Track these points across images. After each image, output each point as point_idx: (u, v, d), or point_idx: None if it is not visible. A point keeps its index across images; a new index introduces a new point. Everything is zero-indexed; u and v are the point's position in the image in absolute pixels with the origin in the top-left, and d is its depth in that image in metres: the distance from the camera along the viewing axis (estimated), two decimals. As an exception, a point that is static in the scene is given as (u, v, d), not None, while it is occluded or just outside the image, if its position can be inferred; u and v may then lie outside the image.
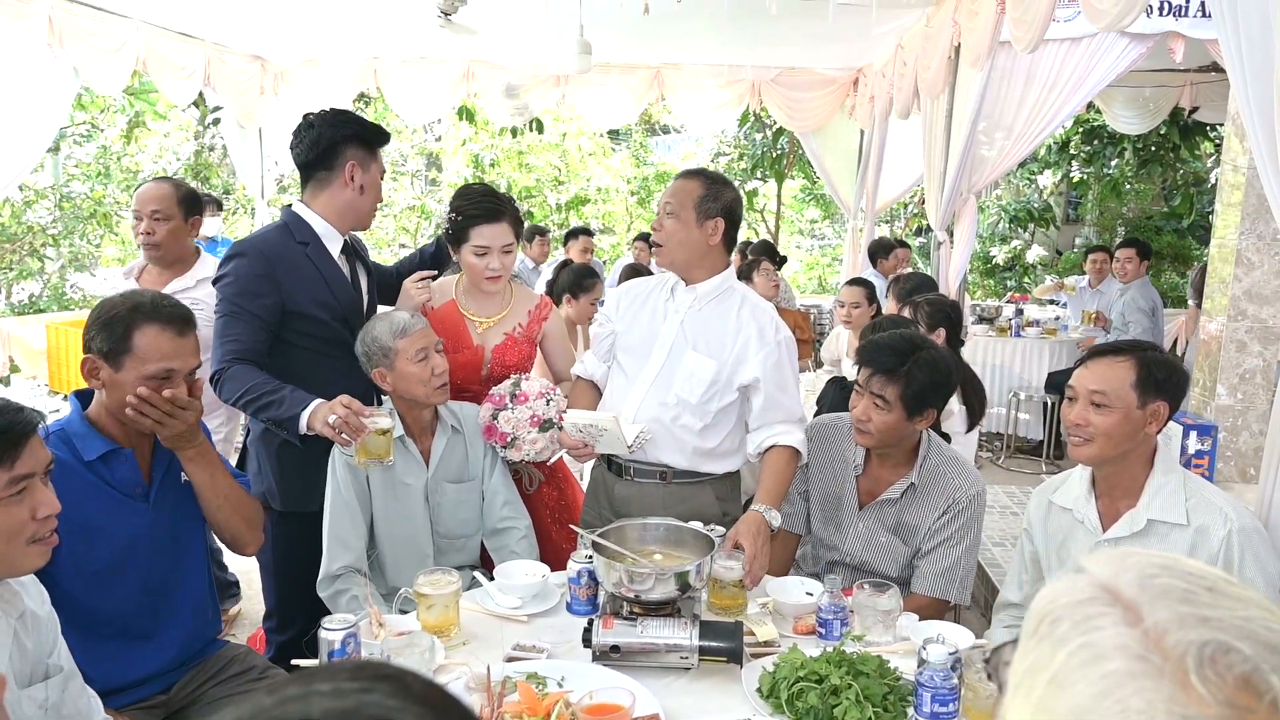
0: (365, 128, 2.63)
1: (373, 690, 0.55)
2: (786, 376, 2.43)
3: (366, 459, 2.32)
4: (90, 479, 1.93)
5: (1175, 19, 5.15)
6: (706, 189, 2.41)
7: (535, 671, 1.81)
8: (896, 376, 2.36)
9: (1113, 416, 2.01)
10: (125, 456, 1.99)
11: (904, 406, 2.36)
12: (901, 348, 2.41)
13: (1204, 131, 9.85)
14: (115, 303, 1.96)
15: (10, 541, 1.48)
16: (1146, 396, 2.00)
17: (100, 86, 6.18)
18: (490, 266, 2.69)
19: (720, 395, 2.41)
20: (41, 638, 1.61)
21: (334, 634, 1.77)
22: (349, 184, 2.59)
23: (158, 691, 2.07)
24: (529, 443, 2.49)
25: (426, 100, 8.14)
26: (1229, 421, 4.40)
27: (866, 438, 2.43)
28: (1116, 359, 2.05)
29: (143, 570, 2.00)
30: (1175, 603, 0.59)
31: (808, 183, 14.79)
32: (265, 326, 2.46)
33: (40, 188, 9.34)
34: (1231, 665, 0.55)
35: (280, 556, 2.61)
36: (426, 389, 2.42)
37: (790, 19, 5.64)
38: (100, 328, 1.92)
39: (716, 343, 2.41)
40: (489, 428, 2.52)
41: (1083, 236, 13.25)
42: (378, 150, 2.66)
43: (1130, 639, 0.58)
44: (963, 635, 1.98)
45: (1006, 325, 6.91)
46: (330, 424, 2.24)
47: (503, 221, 2.69)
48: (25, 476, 1.48)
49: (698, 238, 2.41)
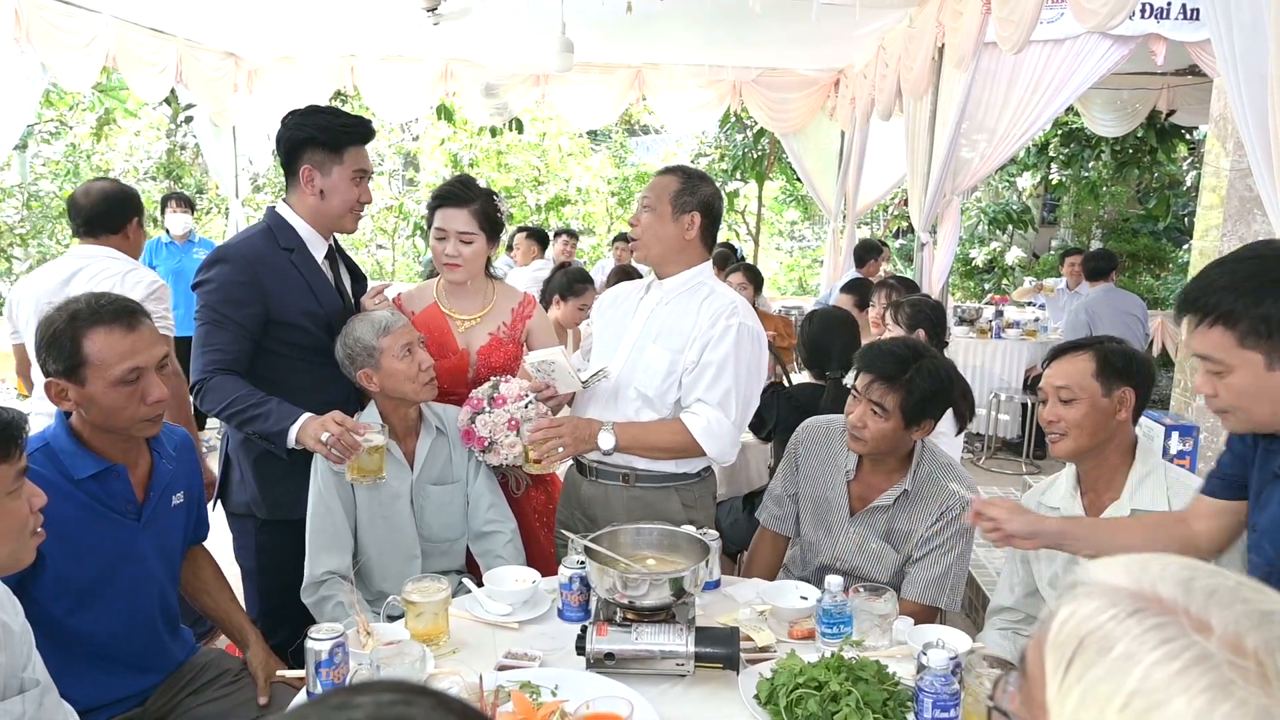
0: (323, 128, 2.46)
1: (413, 703, 0.56)
2: (725, 359, 2.36)
3: (359, 476, 2.27)
4: (80, 498, 1.87)
5: (1157, 21, 5.21)
6: (683, 183, 2.43)
7: (529, 680, 1.76)
8: (897, 384, 2.32)
9: (1080, 408, 2.09)
10: (118, 473, 1.92)
11: (902, 415, 2.33)
12: (904, 355, 2.38)
13: (1180, 135, 9.98)
14: (53, 318, 1.86)
15: (19, 536, 1.48)
16: (1110, 384, 2.08)
17: (69, 83, 6.07)
18: (446, 252, 2.64)
19: (676, 388, 2.40)
20: (15, 651, 1.56)
21: (321, 644, 1.69)
22: (308, 188, 2.49)
23: (133, 706, 2.02)
24: (507, 446, 2.44)
25: (404, 99, 8.09)
26: (1210, 421, 4.41)
27: (860, 444, 2.39)
28: (1076, 354, 2.14)
29: (125, 590, 1.94)
30: (1231, 603, 0.58)
31: (788, 184, 14.81)
32: (248, 335, 2.39)
33: (7, 186, 9.19)
34: None
35: (263, 564, 2.55)
36: (415, 384, 2.38)
37: (772, 19, 5.64)
38: (49, 348, 1.83)
39: (676, 335, 2.40)
40: (467, 432, 2.48)
41: (1059, 239, 13.36)
42: (345, 150, 2.48)
43: (1213, 648, 0.56)
44: (962, 640, 1.96)
45: (987, 327, 6.95)
46: (323, 441, 2.20)
47: (466, 209, 2.64)
48: (24, 471, 1.48)
49: (673, 232, 2.42)
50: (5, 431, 1.42)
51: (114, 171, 10.45)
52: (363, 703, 0.55)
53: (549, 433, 2.34)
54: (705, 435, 2.37)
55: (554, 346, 2.55)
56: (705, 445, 2.38)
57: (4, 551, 1.46)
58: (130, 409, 1.87)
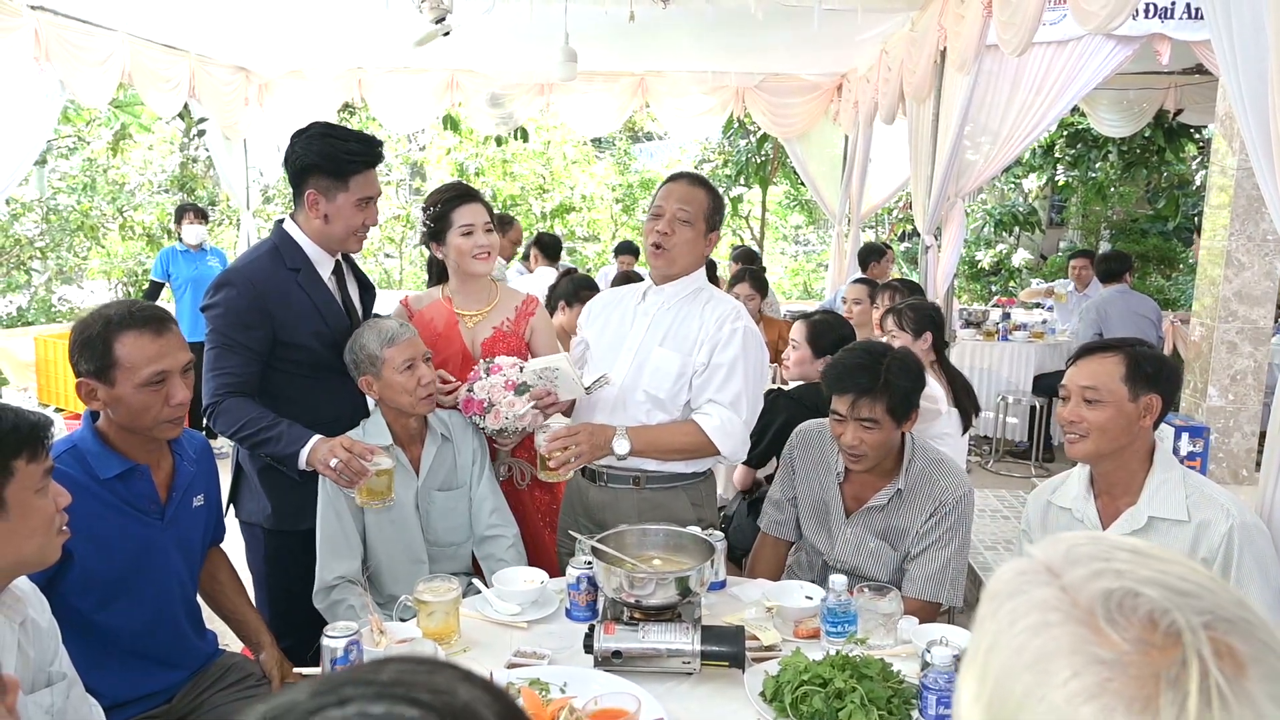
0: (328, 155, 2.42)
1: (437, 673, 0.57)
2: (734, 361, 2.41)
3: (368, 499, 2.30)
4: (106, 497, 1.94)
5: (1161, 21, 5.18)
6: (713, 201, 2.50)
7: (538, 678, 1.79)
8: (878, 393, 2.32)
9: (1105, 411, 2.02)
10: (142, 473, 2.00)
11: (892, 418, 2.34)
12: (870, 363, 2.37)
13: (1188, 134, 9.92)
14: (88, 321, 1.96)
15: (48, 532, 1.52)
16: (1138, 389, 2.01)
17: (86, 99, 6.16)
18: (478, 243, 2.70)
19: (687, 390, 2.43)
20: (43, 646, 1.61)
21: (336, 641, 1.75)
22: (313, 212, 2.48)
23: (160, 703, 2.08)
24: (506, 406, 2.45)
25: (411, 110, 8.14)
26: (1220, 423, 4.41)
27: (862, 461, 2.39)
28: (1105, 355, 2.06)
29: (150, 587, 2.01)
30: (1092, 561, 0.62)
31: (792, 189, 14.81)
32: (257, 357, 2.41)
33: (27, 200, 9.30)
34: (1137, 607, 0.58)
35: (274, 570, 2.58)
36: (412, 399, 2.40)
37: (775, 25, 5.65)
38: (81, 349, 1.92)
39: (683, 338, 2.43)
40: (466, 401, 2.51)
41: (1067, 240, 13.33)
42: (351, 178, 2.44)
43: (1049, 594, 0.61)
44: (966, 637, 1.97)
45: (994, 329, 6.93)
46: (332, 467, 2.23)
47: (479, 202, 2.76)
48: (50, 470, 1.52)
49: (703, 248, 2.50)
50: (32, 433, 1.47)
51: (129, 185, 10.56)
52: (389, 668, 0.57)
53: (566, 440, 2.35)
54: (719, 434, 2.40)
55: (556, 353, 2.58)
56: (719, 444, 2.41)
57: (33, 547, 1.50)
58: (155, 410, 1.95)
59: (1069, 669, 0.57)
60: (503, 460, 2.80)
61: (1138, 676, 0.55)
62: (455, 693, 0.55)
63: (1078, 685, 0.56)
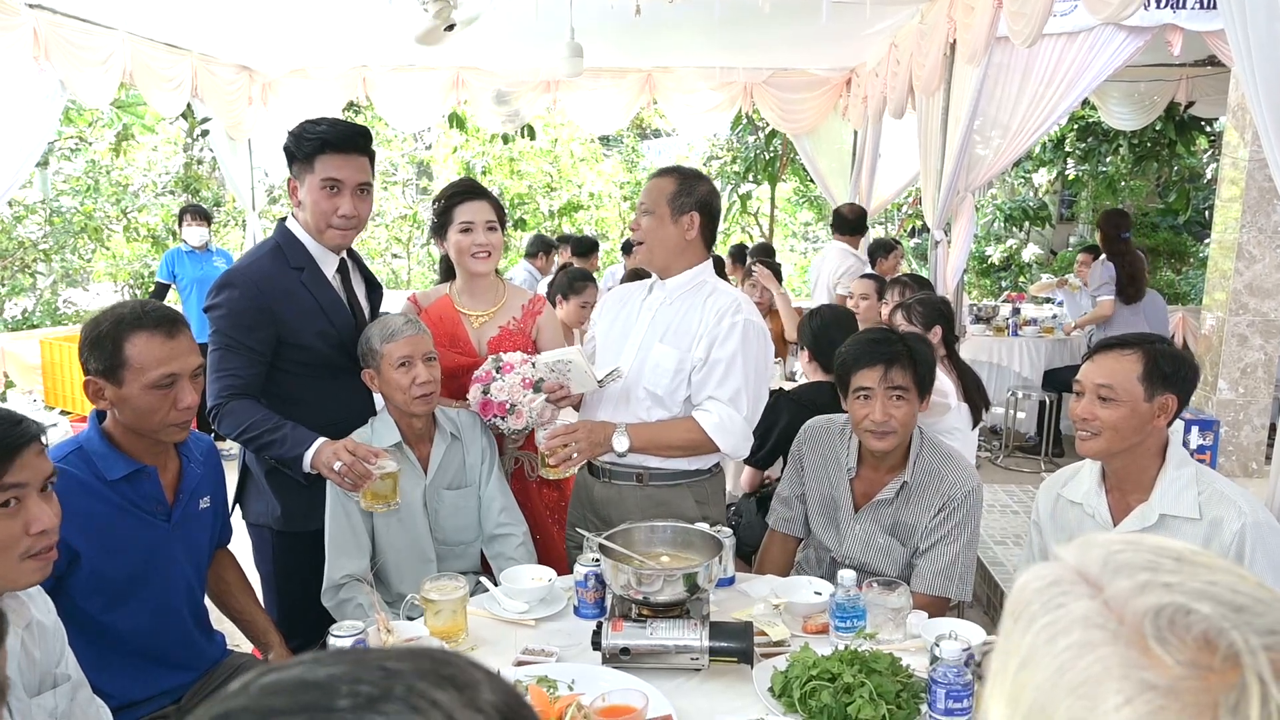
0: (294, 137, 2.41)
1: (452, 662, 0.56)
2: (734, 356, 2.38)
3: (373, 503, 2.29)
4: (113, 498, 1.93)
5: (1173, 11, 5.14)
6: (679, 184, 2.44)
7: (546, 675, 1.78)
8: (906, 360, 2.36)
9: (1120, 410, 1.98)
10: (149, 474, 1.98)
11: (918, 389, 2.37)
12: (888, 335, 2.46)
13: (1200, 127, 9.85)
14: (100, 319, 1.94)
15: (2, 555, 1.43)
16: (1154, 389, 1.97)
17: (88, 99, 6.13)
18: (476, 241, 2.68)
19: (686, 385, 2.41)
20: (49, 647, 1.59)
21: (343, 639, 1.76)
22: (294, 200, 2.47)
23: (169, 703, 2.07)
24: (527, 404, 2.45)
25: (416, 108, 8.12)
26: (1230, 416, 4.38)
27: (890, 439, 2.35)
28: (1123, 352, 2.01)
29: (157, 589, 2.00)
30: (1137, 572, 0.58)
31: (801, 185, 14.78)
32: (260, 358, 2.39)
33: (30, 203, 9.31)
34: (1190, 626, 0.54)
35: (281, 570, 2.57)
36: (405, 397, 2.37)
37: (782, 19, 5.64)
38: (91, 348, 1.91)
39: (683, 334, 2.42)
40: (484, 404, 2.48)
41: (1077, 235, 13.27)
42: (315, 159, 2.40)
43: (1091, 610, 0.57)
44: (975, 631, 1.95)
45: (1004, 324, 6.89)
46: (335, 470, 2.22)
47: (484, 200, 2.73)
48: (16, 486, 1.42)
49: (674, 233, 2.43)
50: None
51: (133, 186, 10.57)
52: (395, 652, 0.56)
53: (565, 438, 2.35)
54: (718, 431, 2.38)
55: (569, 347, 2.57)
56: (719, 441, 2.39)
57: None
58: (162, 412, 1.93)
59: (1119, 694, 0.53)
60: (510, 453, 2.79)
61: (1195, 704, 0.52)
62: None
63: (1130, 713, 0.53)
